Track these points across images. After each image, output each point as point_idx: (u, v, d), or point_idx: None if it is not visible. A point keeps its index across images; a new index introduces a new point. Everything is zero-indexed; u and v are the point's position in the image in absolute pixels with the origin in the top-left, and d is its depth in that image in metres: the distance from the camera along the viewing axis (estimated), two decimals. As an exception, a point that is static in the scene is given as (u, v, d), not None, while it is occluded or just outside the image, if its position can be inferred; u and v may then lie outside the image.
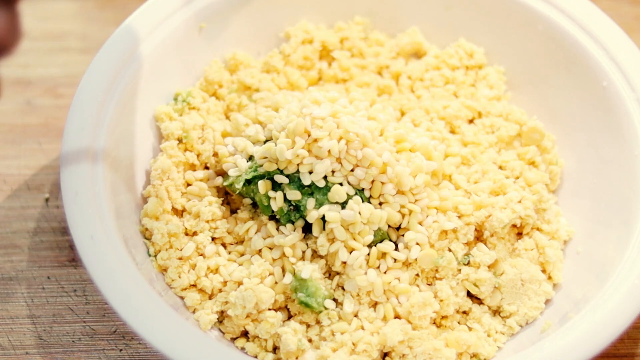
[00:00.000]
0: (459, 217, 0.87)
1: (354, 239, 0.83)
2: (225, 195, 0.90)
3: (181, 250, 0.86)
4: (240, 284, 0.84)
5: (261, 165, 0.84)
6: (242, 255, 0.86)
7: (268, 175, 0.84)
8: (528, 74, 0.97)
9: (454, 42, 1.00)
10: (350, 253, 0.83)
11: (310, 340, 0.83)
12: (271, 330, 0.82)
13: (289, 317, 0.85)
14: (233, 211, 0.90)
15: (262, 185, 0.84)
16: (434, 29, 1.00)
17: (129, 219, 0.86)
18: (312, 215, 0.82)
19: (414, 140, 0.87)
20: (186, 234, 0.87)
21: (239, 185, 0.85)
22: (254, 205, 0.86)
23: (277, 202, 0.83)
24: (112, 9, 1.13)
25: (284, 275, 0.84)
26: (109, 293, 0.77)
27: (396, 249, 0.85)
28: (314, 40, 0.98)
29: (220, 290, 0.85)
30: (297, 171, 0.83)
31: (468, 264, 0.86)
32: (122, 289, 0.78)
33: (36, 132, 1.02)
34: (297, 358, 0.82)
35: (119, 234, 0.81)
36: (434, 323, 0.84)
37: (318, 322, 0.84)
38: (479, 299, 0.87)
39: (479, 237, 0.88)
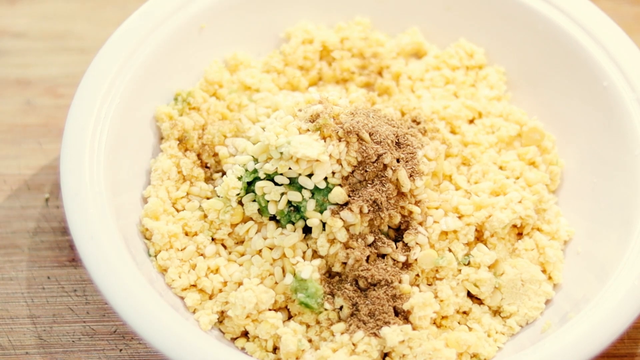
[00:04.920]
0: (459, 217, 0.87)
1: (354, 240, 0.83)
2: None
3: (181, 250, 0.86)
4: (240, 284, 0.84)
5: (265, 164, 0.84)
6: (242, 255, 0.86)
7: (268, 177, 0.84)
8: (528, 74, 0.97)
9: (454, 42, 1.00)
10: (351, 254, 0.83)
11: (310, 341, 0.83)
12: (271, 330, 0.82)
13: (289, 317, 0.85)
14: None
15: (263, 188, 0.84)
16: (435, 29, 1.00)
17: (129, 219, 0.86)
18: (313, 222, 0.82)
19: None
20: (186, 234, 0.87)
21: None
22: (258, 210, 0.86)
23: (278, 205, 0.83)
24: (112, 9, 1.13)
25: (284, 276, 0.84)
26: (109, 293, 0.77)
27: (396, 249, 0.85)
28: (314, 40, 0.98)
29: (220, 291, 0.85)
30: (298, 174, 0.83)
31: (468, 264, 0.86)
32: (122, 289, 0.78)
33: (36, 132, 1.02)
34: (297, 358, 0.82)
35: (119, 234, 0.81)
36: (434, 323, 0.84)
37: (318, 322, 0.84)
38: (479, 299, 0.87)
39: (479, 238, 0.88)
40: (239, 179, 0.85)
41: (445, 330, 0.84)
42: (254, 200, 0.85)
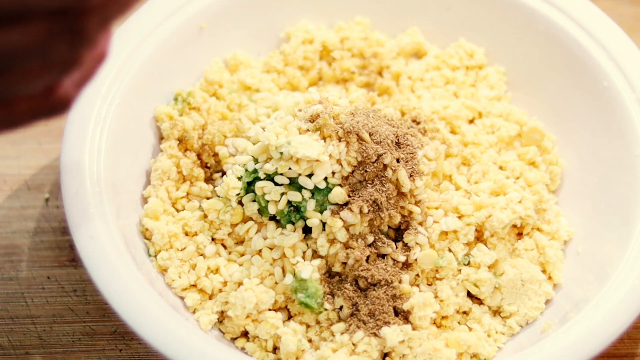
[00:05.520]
0: (459, 217, 0.87)
1: (354, 240, 0.83)
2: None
3: (181, 250, 0.86)
4: (240, 284, 0.84)
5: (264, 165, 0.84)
6: (242, 255, 0.86)
7: (268, 177, 0.84)
8: (528, 74, 0.97)
9: (454, 42, 1.00)
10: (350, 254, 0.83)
11: (310, 341, 0.83)
12: (271, 330, 0.82)
13: (289, 317, 0.85)
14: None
15: (263, 188, 0.84)
16: (435, 29, 1.00)
17: (129, 219, 0.86)
18: (313, 222, 0.82)
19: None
20: (186, 234, 0.87)
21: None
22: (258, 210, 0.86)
23: (278, 205, 0.83)
24: (112, 8, 1.12)
25: (284, 276, 0.84)
26: (109, 293, 0.77)
27: (396, 249, 0.85)
28: (314, 40, 0.98)
29: (220, 291, 0.85)
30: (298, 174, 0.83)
31: (468, 264, 0.86)
32: (122, 289, 0.78)
33: (36, 132, 1.02)
34: (297, 358, 0.82)
35: (119, 234, 0.81)
36: (434, 323, 0.84)
37: (318, 322, 0.84)
38: (479, 299, 0.87)
39: (479, 238, 0.88)
40: (239, 179, 0.85)
41: (445, 330, 0.84)
42: (254, 200, 0.85)
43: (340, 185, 0.83)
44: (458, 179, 0.90)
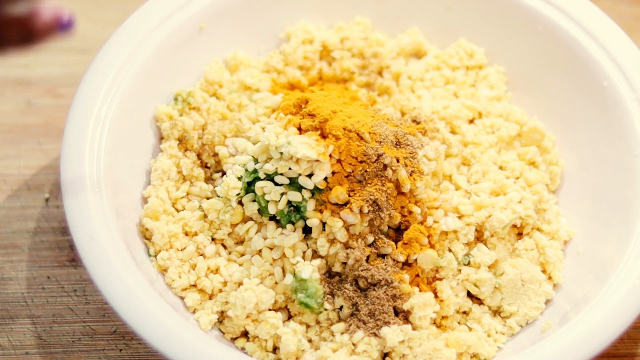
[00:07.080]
0: (460, 217, 0.87)
1: (354, 240, 0.83)
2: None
3: (181, 250, 0.86)
4: (240, 284, 0.84)
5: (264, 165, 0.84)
6: (242, 255, 0.86)
7: (268, 177, 0.84)
8: (528, 74, 0.97)
9: (454, 43, 1.00)
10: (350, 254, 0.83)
11: (310, 341, 0.83)
12: (271, 330, 0.82)
13: (289, 317, 0.85)
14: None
15: (263, 188, 0.84)
16: (435, 29, 1.00)
17: (129, 219, 0.86)
18: (313, 222, 0.82)
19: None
20: (186, 234, 0.87)
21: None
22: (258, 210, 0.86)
23: (278, 205, 0.83)
24: (112, 9, 1.12)
25: (284, 276, 0.84)
26: (109, 293, 0.77)
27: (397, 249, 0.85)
28: (314, 40, 0.98)
29: (220, 291, 0.85)
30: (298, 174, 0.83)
31: (468, 264, 0.86)
32: (122, 289, 0.78)
33: (36, 132, 1.02)
34: (297, 358, 0.82)
35: (119, 234, 0.81)
36: (434, 323, 0.84)
37: (318, 322, 0.84)
38: (479, 299, 0.87)
39: (479, 238, 0.88)
40: (239, 179, 0.85)
41: (445, 331, 0.84)
42: (254, 200, 0.85)
43: (340, 185, 0.83)
44: (458, 179, 0.90)
